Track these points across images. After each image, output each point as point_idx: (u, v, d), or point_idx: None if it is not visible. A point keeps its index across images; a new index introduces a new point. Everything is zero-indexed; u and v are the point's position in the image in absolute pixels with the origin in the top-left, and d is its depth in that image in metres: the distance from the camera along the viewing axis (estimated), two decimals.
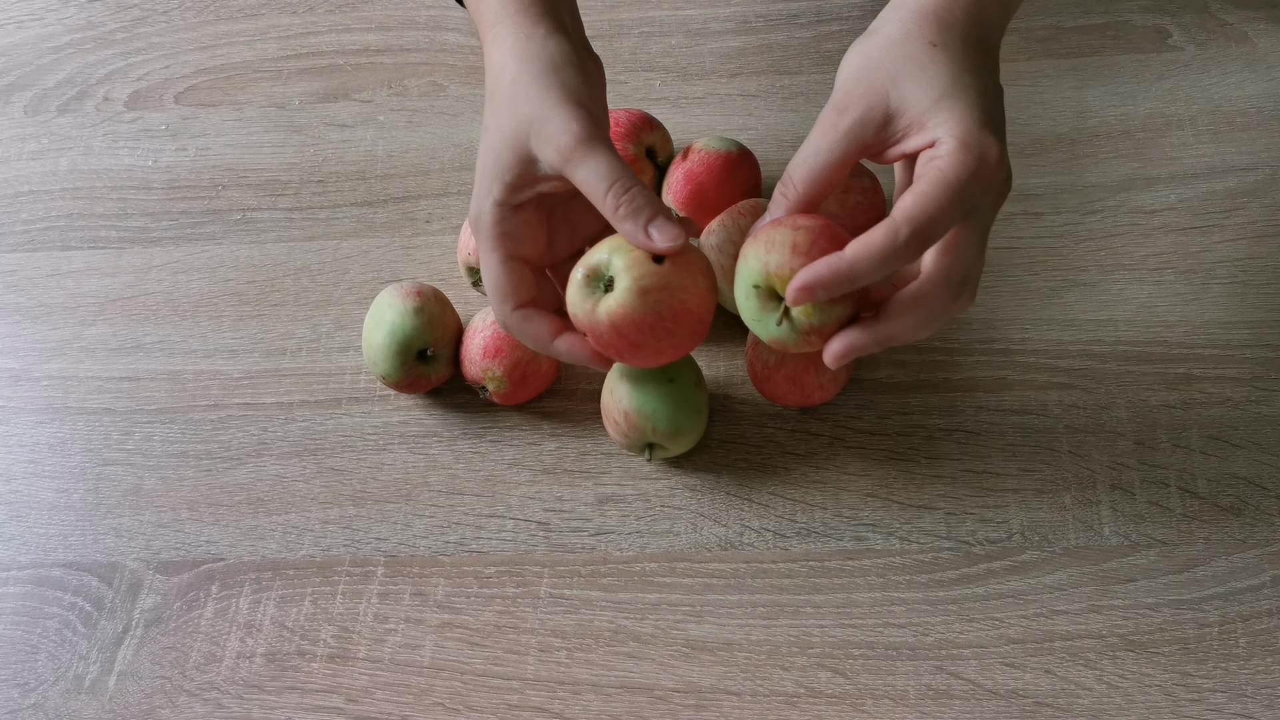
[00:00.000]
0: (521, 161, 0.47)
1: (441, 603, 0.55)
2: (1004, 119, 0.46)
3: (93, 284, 0.68)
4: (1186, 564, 0.53)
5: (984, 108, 0.43)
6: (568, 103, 0.47)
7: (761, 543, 0.55)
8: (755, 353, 0.56)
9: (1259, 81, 0.67)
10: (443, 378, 0.60)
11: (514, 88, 0.48)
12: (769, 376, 0.56)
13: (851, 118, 0.45)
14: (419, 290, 0.59)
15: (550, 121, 0.46)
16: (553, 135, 0.46)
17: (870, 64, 0.46)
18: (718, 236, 0.59)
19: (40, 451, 0.63)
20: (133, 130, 0.75)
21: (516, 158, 0.47)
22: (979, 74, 0.45)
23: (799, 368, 0.54)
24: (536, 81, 0.48)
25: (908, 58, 0.45)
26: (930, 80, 0.44)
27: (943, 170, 0.42)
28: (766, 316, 0.46)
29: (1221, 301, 0.60)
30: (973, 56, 0.45)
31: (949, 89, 0.44)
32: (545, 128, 0.46)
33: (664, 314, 0.47)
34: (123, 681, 0.55)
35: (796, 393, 0.56)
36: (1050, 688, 0.50)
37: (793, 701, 0.51)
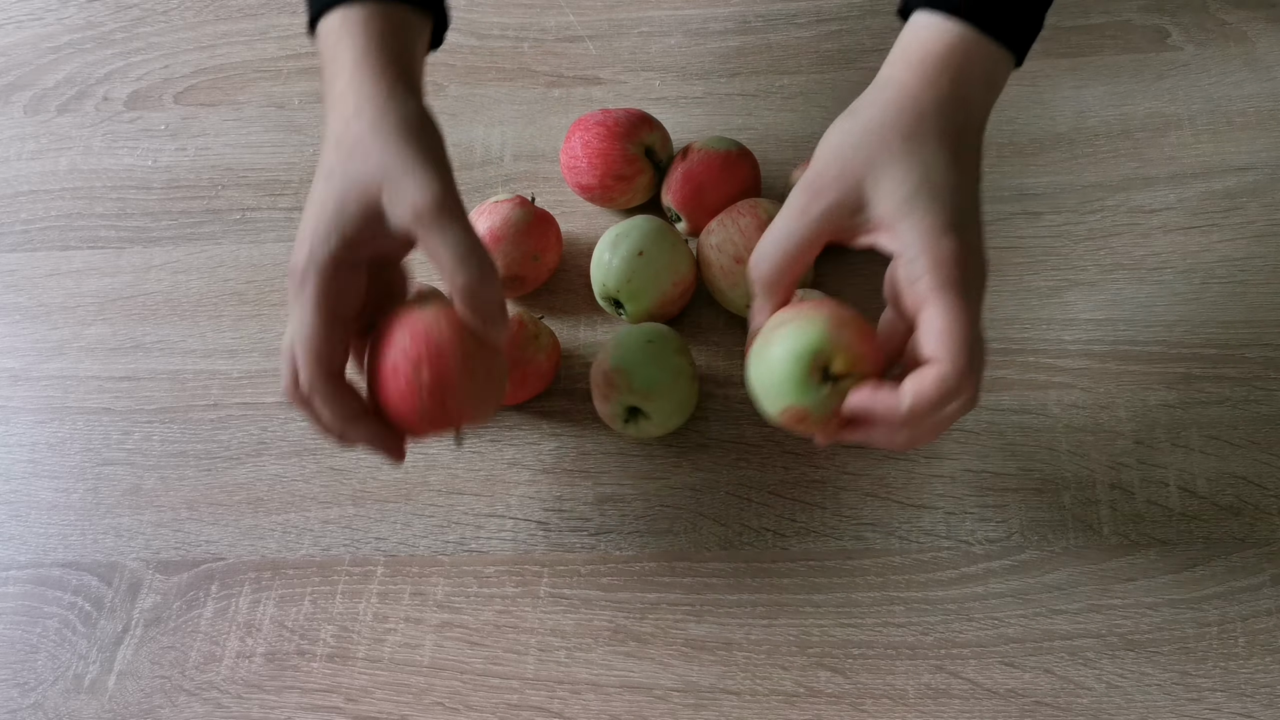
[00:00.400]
0: (366, 215, 0.45)
1: (441, 602, 0.55)
2: (976, 209, 0.45)
3: (92, 284, 0.68)
4: (1186, 563, 0.53)
5: (953, 207, 0.44)
6: (428, 162, 0.45)
7: (761, 542, 0.55)
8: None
9: (1258, 81, 0.67)
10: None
11: (370, 138, 0.45)
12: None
13: (825, 203, 0.45)
14: (419, 292, 0.58)
15: (407, 177, 0.44)
16: (408, 193, 0.44)
17: (847, 151, 0.46)
18: (717, 236, 0.59)
19: (40, 451, 0.63)
20: (132, 130, 0.75)
21: (361, 210, 0.45)
22: (951, 169, 0.45)
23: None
24: (396, 134, 0.45)
25: (884, 148, 0.45)
26: (902, 177, 0.44)
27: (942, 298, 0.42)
28: (809, 383, 0.44)
29: (1220, 301, 0.60)
30: (947, 150, 0.45)
31: (917, 189, 0.44)
32: (401, 183, 0.44)
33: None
34: (122, 681, 0.55)
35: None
36: (1049, 687, 0.50)
37: (792, 701, 0.51)
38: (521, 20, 0.76)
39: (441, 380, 0.45)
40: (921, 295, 0.43)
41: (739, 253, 0.58)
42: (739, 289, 0.59)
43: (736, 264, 0.58)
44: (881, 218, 0.44)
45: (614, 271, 0.59)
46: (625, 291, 0.59)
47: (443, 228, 0.44)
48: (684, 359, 0.56)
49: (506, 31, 0.76)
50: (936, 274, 0.43)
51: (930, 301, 0.43)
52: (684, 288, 0.60)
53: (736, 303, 0.60)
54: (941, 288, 0.43)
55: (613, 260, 0.59)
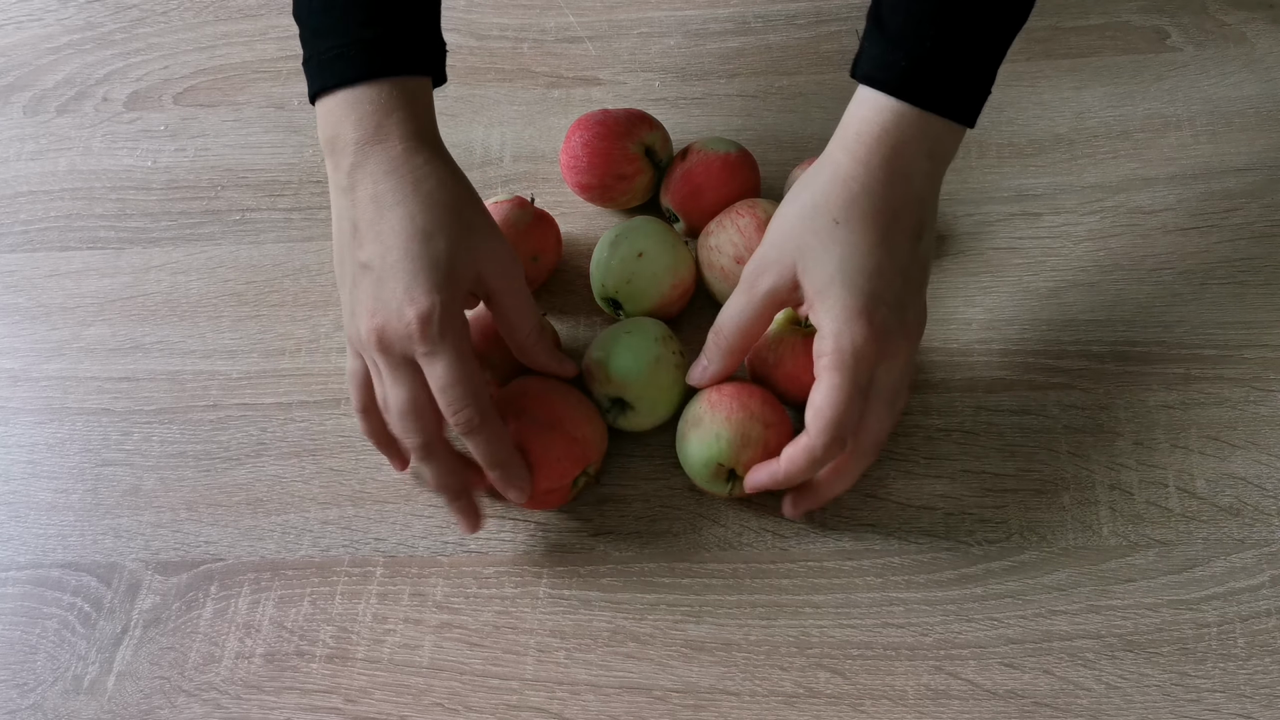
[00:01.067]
0: (470, 274, 0.50)
1: (440, 603, 0.55)
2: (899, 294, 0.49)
3: (92, 284, 0.68)
4: (1185, 564, 0.53)
5: (866, 293, 0.48)
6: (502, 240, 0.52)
7: (760, 543, 0.55)
8: (754, 353, 0.56)
9: (1257, 82, 0.67)
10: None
11: (458, 204, 0.50)
12: (768, 376, 0.56)
13: (767, 283, 0.51)
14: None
15: (501, 248, 0.51)
16: (505, 262, 0.51)
17: (785, 233, 0.50)
18: (716, 237, 0.59)
19: (39, 452, 0.63)
20: (132, 131, 0.75)
21: (468, 267, 0.49)
22: (875, 252, 0.48)
23: (798, 366, 0.54)
24: (476, 204, 0.51)
25: (813, 233, 0.49)
26: (824, 262, 0.49)
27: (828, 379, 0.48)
28: (717, 480, 0.53)
29: (1220, 302, 0.60)
30: (874, 231, 0.48)
31: (835, 270, 0.48)
32: (497, 252, 0.51)
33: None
34: (121, 682, 0.55)
35: (796, 391, 0.56)
36: (1049, 688, 0.50)
37: (791, 701, 0.51)
38: (521, 21, 0.76)
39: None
40: (818, 370, 0.49)
41: (739, 253, 0.58)
42: None
43: (736, 264, 0.58)
44: (810, 297, 0.49)
45: (613, 272, 0.59)
46: (624, 292, 0.59)
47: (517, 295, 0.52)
48: (666, 348, 0.56)
49: (506, 32, 0.76)
50: (833, 356, 0.48)
51: (820, 378, 0.48)
52: (683, 289, 0.60)
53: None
54: (830, 368, 0.48)
55: (612, 260, 0.59)
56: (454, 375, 0.48)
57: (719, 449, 0.52)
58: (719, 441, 0.52)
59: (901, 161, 0.48)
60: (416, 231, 0.48)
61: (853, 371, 0.48)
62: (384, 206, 0.49)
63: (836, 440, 0.48)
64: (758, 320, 0.52)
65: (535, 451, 0.52)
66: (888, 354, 0.49)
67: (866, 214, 0.48)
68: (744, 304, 0.52)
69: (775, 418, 0.53)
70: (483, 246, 0.50)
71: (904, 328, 0.49)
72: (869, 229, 0.48)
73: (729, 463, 0.53)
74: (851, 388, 0.48)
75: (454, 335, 0.48)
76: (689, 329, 0.62)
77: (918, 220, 0.50)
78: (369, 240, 0.49)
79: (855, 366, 0.48)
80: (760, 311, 0.51)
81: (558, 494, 0.55)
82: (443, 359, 0.48)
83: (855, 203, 0.48)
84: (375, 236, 0.48)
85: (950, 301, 0.61)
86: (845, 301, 0.48)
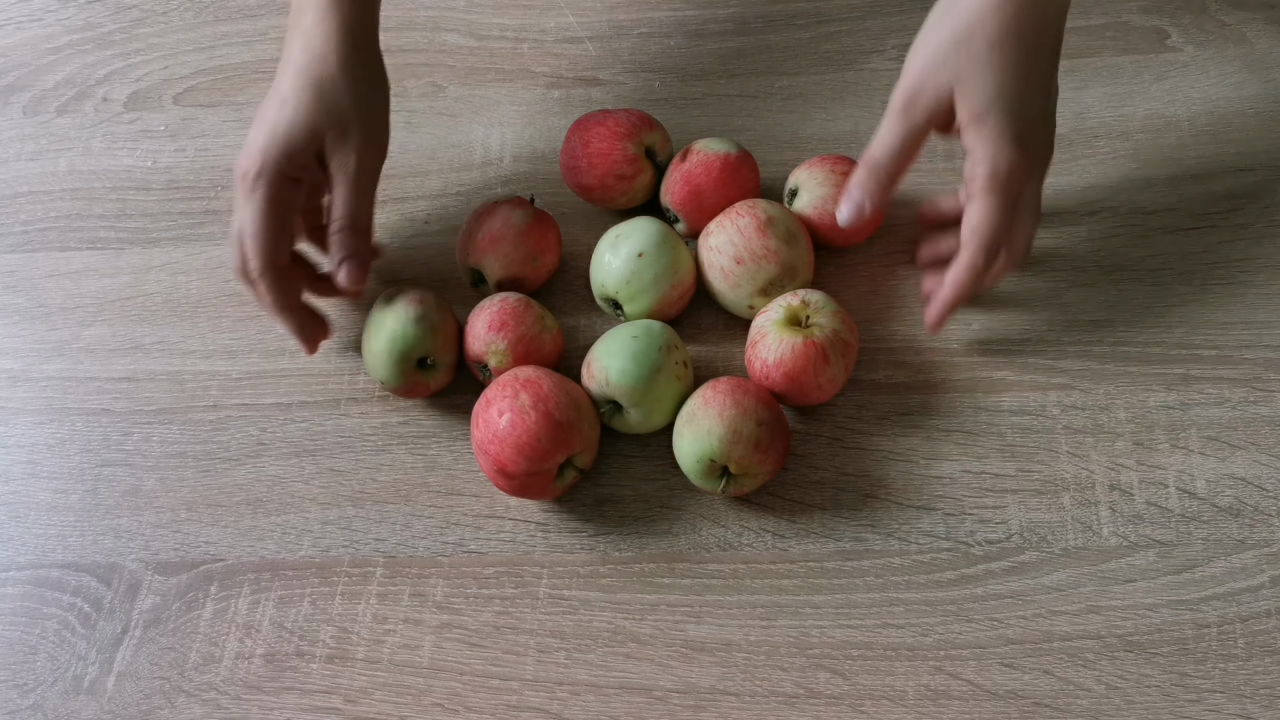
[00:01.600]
0: (310, 147, 0.55)
1: (440, 603, 0.55)
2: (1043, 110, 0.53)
3: (91, 285, 0.68)
4: (1185, 564, 0.53)
5: (1020, 118, 0.51)
6: (367, 128, 0.56)
7: (760, 543, 0.55)
8: (754, 352, 0.56)
9: (1257, 83, 0.67)
10: (442, 384, 0.60)
11: (330, 86, 0.55)
12: (767, 376, 0.56)
13: (924, 109, 0.53)
14: (420, 298, 0.58)
15: (349, 137, 0.56)
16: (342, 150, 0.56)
17: (939, 61, 0.53)
18: (716, 238, 0.59)
19: (39, 452, 0.63)
20: (131, 131, 0.75)
21: (308, 141, 0.55)
22: (1026, 76, 0.52)
23: (797, 366, 0.54)
24: (352, 90, 0.55)
25: (969, 57, 0.52)
26: (984, 83, 0.51)
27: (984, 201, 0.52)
28: (709, 476, 0.54)
29: (1220, 302, 0.60)
30: (1026, 54, 0.52)
31: (994, 96, 0.51)
32: (342, 140, 0.55)
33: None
34: (121, 682, 0.55)
35: (795, 393, 0.56)
36: (1049, 688, 0.50)
37: (791, 702, 0.51)
38: (521, 21, 0.76)
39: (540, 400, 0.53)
40: (972, 192, 0.53)
41: (739, 253, 0.58)
42: (740, 289, 0.59)
43: (737, 265, 0.58)
44: (966, 120, 0.52)
45: (613, 272, 0.59)
46: (624, 293, 0.59)
47: (350, 188, 0.56)
48: (670, 358, 0.56)
49: (506, 32, 0.76)
50: (989, 180, 0.52)
51: (975, 200, 0.53)
52: (683, 290, 0.60)
53: (736, 304, 0.60)
54: (986, 191, 0.52)
55: (613, 261, 0.59)
56: (250, 227, 0.55)
57: (711, 445, 0.53)
58: (710, 438, 0.52)
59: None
60: (276, 94, 0.56)
61: (1006, 193, 0.52)
62: (280, 66, 0.57)
63: (993, 253, 0.53)
64: (915, 147, 0.54)
65: (517, 428, 0.52)
66: (1036, 170, 0.54)
67: (1020, 37, 0.51)
68: (900, 131, 0.54)
69: (769, 415, 0.53)
70: (332, 128, 0.55)
71: (1048, 142, 0.54)
72: (1023, 53, 0.51)
73: (721, 459, 0.53)
74: (1005, 207, 0.52)
75: (264, 192, 0.54)
76: (690, 329, 0.62)
77: (1058, 38, 0.53)
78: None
79: (1009, 188, 0.52)
80: (918, 137, 0.54)
81: (540, 479, 0.54)
82: (248, 209, 0.55)
83: (1008, 26, 0.51)
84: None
85: None
86: (1003, 127, 0.51)
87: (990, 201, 0.52)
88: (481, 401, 0.55)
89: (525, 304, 0.58)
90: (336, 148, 0.56)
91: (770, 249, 0.58)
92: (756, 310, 0.59)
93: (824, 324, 0.55)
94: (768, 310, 0.57)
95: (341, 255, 0.57)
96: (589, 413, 0.55)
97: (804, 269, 0.59)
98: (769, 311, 0.57)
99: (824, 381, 0.55)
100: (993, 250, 0.53)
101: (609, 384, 0.55)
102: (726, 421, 0.52)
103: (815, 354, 0.54)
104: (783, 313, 0.56)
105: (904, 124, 0.54)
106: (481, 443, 0.54)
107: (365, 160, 0.57)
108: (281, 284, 0.57)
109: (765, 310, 0.57)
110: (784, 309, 0.56)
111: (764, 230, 0.58)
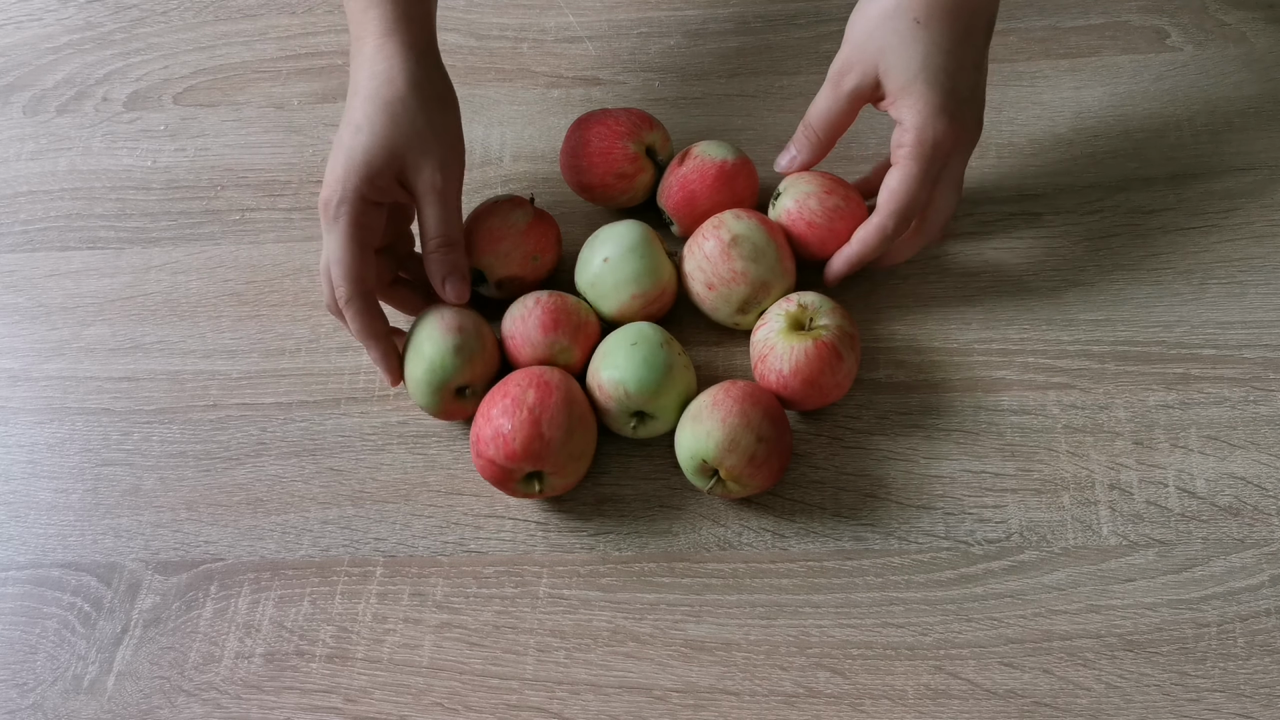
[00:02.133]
0: (390, 170, 0.55)
1: (440, 603, 0.55)
2: (973, 88, 0.55)
3: (91, 284, 0.68)
4: (1185, 564, 0.53)
5: (946, 89, 0.53)
6: (445, 144, 0.56)
7: (760, 543, 0.55)
8: (765, 366, 0.56)
9: (1257, 82, 0.67)
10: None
11: (401, 108, 0.55)
12: (786, 386, 0.55)
13: (850, 83, 0.56)
14: (460, 325, 0.57)
15: (428, 156, 0.55)
16: (424, 169, 0.55)
17: (866, 34, 0.55)
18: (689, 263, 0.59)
19: (39, 452, 0.63)
20: (131, 131, 0.75)
21: (387, 164, 0.54)
22: (953, 51, 0.53)
23: (814, 370, 0.54)
24: (425, 111, 0.55)
25: (894, 32, 0.54)
26: (908, 57, 0.53)
27: (905, 167, 0.54)
28: (701, 474, 0.54)
29: (1219, 302, 0.60)
30: (951, 33, 0.53)
31: (919, 70, 0.53)
32: (422, 160, 0.55)
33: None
34: (121, 682, 0.55)
35: (816, 396, 0.55)
36: (1049, 687, 0.50)
37: (791, 701, 0.51)
38: (521, 21, 0.76)
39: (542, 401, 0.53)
40: (896, 158, 0.54)
41: (708, 279, 0.58)
42: (719, 312, 0.59)
43: (709, 290, 0.58)
44: (893, 92, 0.54)
45: (584, 272, 0.60)
46: (591, 294, 0.60)
47: (439, 205, 0.56)
48: (672, 350, 0.56)
49: (506, 32, 0.76)
50: (913, 148, 0.54)
51: (897, 165, 0.54)
52: (647, 300, 0.59)
53: (724, 323, 0.60)
54: (909, 158, 0.54)
55: (589, 260, 0.60)
56: (336, 254, 0.55)
57: (706, 447, 0.53)
58: (709, 439, 0.52)
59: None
60: (349, 122, 0.55)
61: (929, 161, 0.54)
62: (349, 97, 0.57)
63: (905, 220, 0.55)
64: (842, 116, 0.57)
65: (505, 416, 0.53)
66: (961, 145, 0.55)
67: (947, 12, 0.53)
68: (830, 102, 0.57)
69: (773, 433, 0.53)
70: (411, 148, 0.55)
71: (977, 120, 0.56)
72: (949, 27, 0.53)
73: (713, 462, 0.53)
74: (925, 176, 0.54)
75: (347, 219, 0.54)
76: (691, 329, 0.62)
77: (991, 15, 0.55)
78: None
79: (932, 157, 0.54)
80: (845, 109, 0.57)
81: (504, 474, 0.54)
82: (332, 237, 0.55)
83: (936, 3, 0.53)
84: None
85: (950, 301, 0.61)
86: (928, 98, 0.53)
87: (911, 168, 0.54)
88: (504, 379, 0.56)
89: (558, 296, 0.59)
90: (418, 167, 0.55)
91: (736, 271, 0.57)
92: (745, 325, 0.59)
93: (828, 323, 0.55)
94: (766, 322, 0.57)
95: (444, 273, 0.57)
96: (580, 445, 0.55)
97: (779, 280, 0.58)
98: (769, 323, 0.56)
99: (840, 378, 0.55)
100: (905, 217, 0.55)
101: (630, 396, 0.54)
102: (727, 429, 0.52)
103: (828, 354, 0.54)
104: (785, 321, 0.56)
105: (833, 94, 0.57)
106: (479, 412, 0.55)
107: (449, 175, 0.56)
108: (369, 310, 0.56)
109: (763, 323, 0.57)
110: (784, 317, 0.56)
111: (728, 253, 0.57)
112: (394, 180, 0.55)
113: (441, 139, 0.56)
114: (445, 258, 0.57)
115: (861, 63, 0.55)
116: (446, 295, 0.57)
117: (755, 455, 0.52)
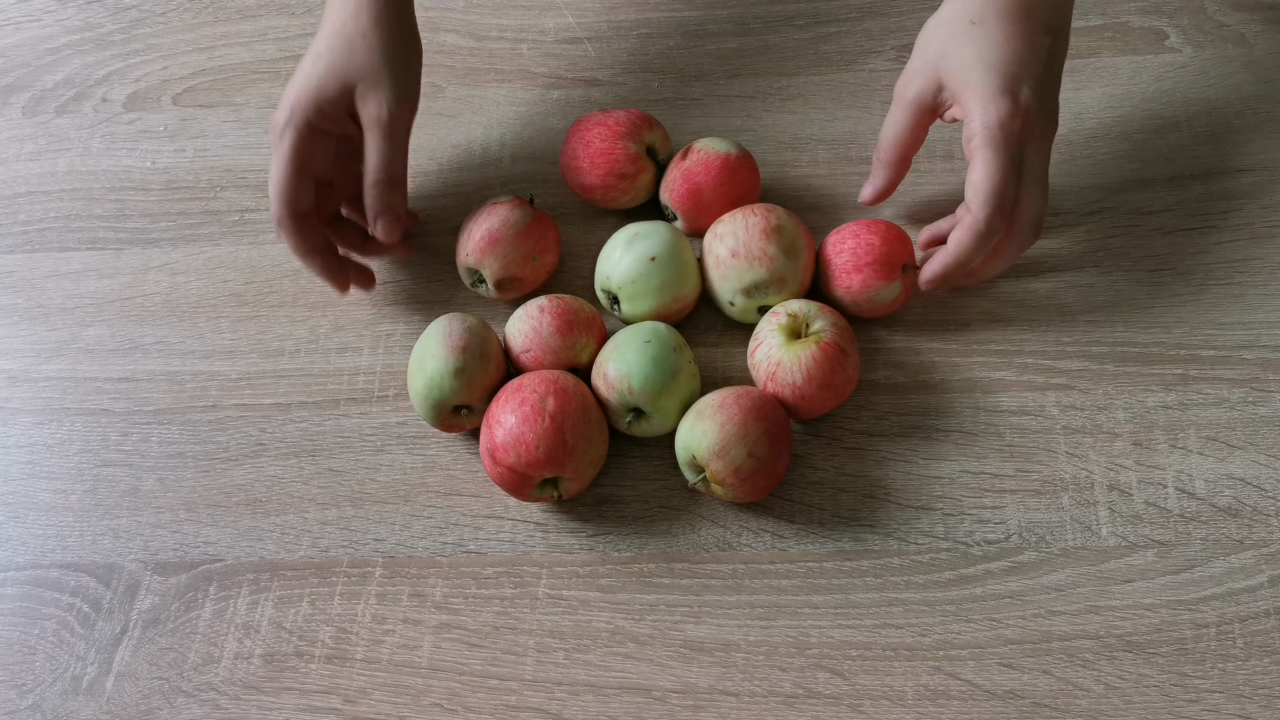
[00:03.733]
0: (340, 100, 0.57)
1: (439, 603, 0.55)
2: (1040, 80, 0.53)
3: (91, 285, 0.68)
4: (1184, 565, 0.53)
5: (1006, 74, 0.52)
6: (397, 80, 0.57)
7: (759, 543, 0.55)
8: (776, 383, 0.55)
9: (1256, 83, 0.67)
10: (478, 423, 0.58)
11: (361, 41, 0.57)
12: (804, 396, 0.55)
13: (913, 91, 0.56)
14: (465, 345, 0.56)
15: (378, 87, 0.56)
16: (373, 100, 0.57)
17: (925, 45, 0.56)
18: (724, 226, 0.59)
19: (38, 452, 0.63)
20: (131, 131, 0.75)
21: (338, 94, 0.56)
22: (1012, 42, 0.52)
23: (826, 370, 0.54)
24: (382, 45, 0.57)
25: (950, 35, 0.54)
26: (965, 54, 0.53)
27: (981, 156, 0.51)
28: (690, 468, 0.54)
29: (1219, 303, 0.60)
30: (1006, 28, 0.53)
31: (975, 65, 0.52)
32: (372, 90, 0.56)
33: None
34: (120, 682, 0.55)
35: (833, 397, 0.55)
36: (1048, 688, 0.50)
37: (791, 702, 0.51)
38: (520, 22, 0.76)
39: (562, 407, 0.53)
40: (970, 153, 0.52)
41: (736, 247, 0.58)
42: (726, 282, 0.58)
43: (731, 257, 0.58)
44: (954, 92, 0.54)
45: (621, 269, 0.59)
46: (626, 291, 0.59)
47: (381, 138, 0.57)
48: (682, 357, 0.56)
49: (505, 33, 0.76)
50: (982, 134, 0.51)
51: (974, 158, 0.52)
52: (682, 305, 0.60)
53: (719, 297, 0.60)
54: (982, 146, 0.51)
55: (623, 258, 0.59)
56: (274, 174, 0.57)
57: (699, 445, 0.53)
58: (703, 438, 0.53)
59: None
60: (311, 50, 0.58)
61: (1004, 145, 0.51)
62: (318, 30, 0.59)
63: (999, 211, 0.52)
64: (910, 129, 0.57)
65: (527, 423, 0.53)
66: (1034, 134, 0.52)
67: (1001, 11, 0.53)
68: (895, 116, 0.57)
69: (767, 452, 0.53)
70: (363, 79, 0.56)
71: (1047, 111, 0.53)
72: (1004, 24, 0.53)
73: (701, 462, 0.53)
74: (1006, 160, 0.51)
75: (290, 141, 0.56)
76: (690, 329, 0.62)
77: (1052, 15, 0.54)
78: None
79: (1005, 140, 0.51)
80: (911, 120, 0.56)
81: (521, 480, 0.53)
82: (275, 158, 0.57)
83: (989, 3, 0.53)
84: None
85: (950, 301, 0.61)
86: (986, 83, 0.52)
87: (987, 155, 0.51)
88: (515, 384, 0.55)
89: (558, 298, 0.59)
90: (367, 99, 0.57)
91: (767, 253, 0.57)
92: (737, 311, 0.59)
93: (823, 325, 0.55)
94: (761, 341, 0.56)
95: (376, 210, 0.58)
96: (596, 448, 0.55)
97: (795, 282, 0.58)
98: (766, 341, 0.56)
99: (850, 373, 0.55)
100: (999, 207, 0.51)
101: (633, 392, 0.54)
102: (722, 434, 0.52)
103: (835, 353, 0.54)
104: (781, 334, 0.55)
105: (897, 107, 0.56)
106: (491, 418, 0.54)
107: (397, 111, 0.57)
108: (301, 229, 0.57)
109: (759, 342, 0.56)
110: (780, 331, 0.55)
111: (768, 234, 0.58)
112: (344, 111, 0.57)
113: (396, 76, 0.57)
114: (383, 195, 0.58)
115: (922, 71, 0.55)
116: (377, 232, 0.58)
117: (741, 468, 0.52)
